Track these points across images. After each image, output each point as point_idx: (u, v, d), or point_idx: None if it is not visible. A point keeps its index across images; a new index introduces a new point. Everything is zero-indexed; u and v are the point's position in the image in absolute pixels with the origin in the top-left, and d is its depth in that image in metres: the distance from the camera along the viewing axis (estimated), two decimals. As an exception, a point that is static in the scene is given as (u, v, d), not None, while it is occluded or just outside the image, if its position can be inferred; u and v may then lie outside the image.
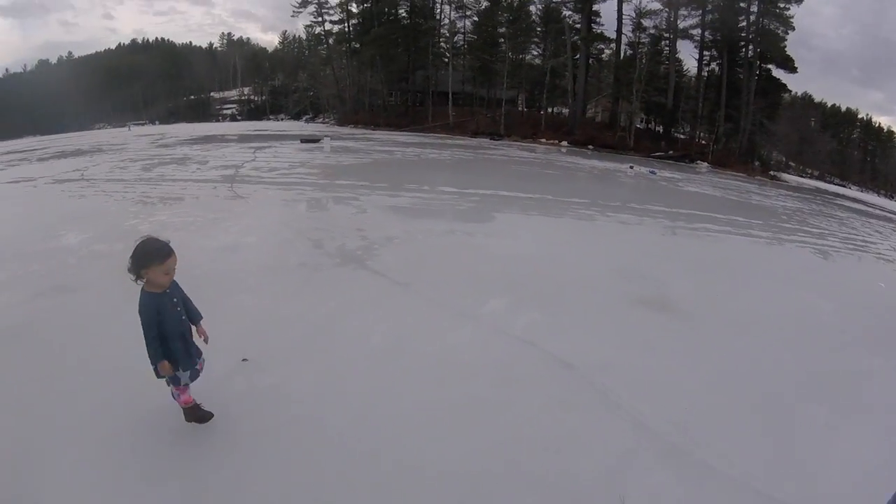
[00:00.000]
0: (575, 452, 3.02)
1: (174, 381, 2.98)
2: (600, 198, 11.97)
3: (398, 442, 3.03)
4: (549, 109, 45.27)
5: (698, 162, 32.78)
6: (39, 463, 2.87)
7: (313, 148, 22.26)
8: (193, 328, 3.09)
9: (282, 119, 62.98)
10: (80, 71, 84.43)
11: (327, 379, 3.64)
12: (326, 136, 27.00)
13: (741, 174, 31.15)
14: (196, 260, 5.88)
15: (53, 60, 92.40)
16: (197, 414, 3.17)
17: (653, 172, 21.78)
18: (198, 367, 3.07)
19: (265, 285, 5.49)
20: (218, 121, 67.16)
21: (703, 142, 39.96)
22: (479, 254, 6.92)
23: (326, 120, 52.05)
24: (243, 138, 28.50)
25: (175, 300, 2.97)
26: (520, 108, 47.22)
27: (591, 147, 34.76)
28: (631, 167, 22.50)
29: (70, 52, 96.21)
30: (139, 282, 2.84)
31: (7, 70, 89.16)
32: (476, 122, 40.93)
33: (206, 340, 3.09)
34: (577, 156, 27.07)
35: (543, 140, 36.49)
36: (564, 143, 35.80)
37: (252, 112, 71.82)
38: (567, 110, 43.26)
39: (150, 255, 2.80)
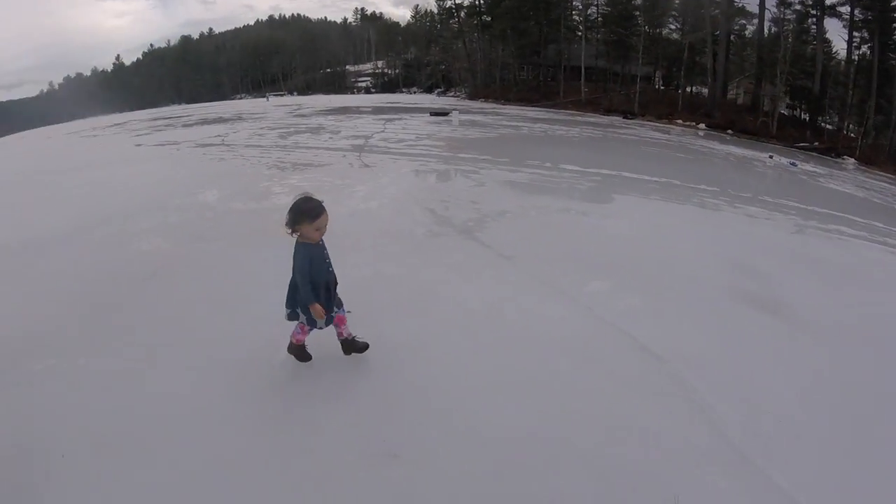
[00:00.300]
0: (639, 442, 2.96)
1: (310, 322, 3.30)
2: (731, 187, 11.24)
3: (469, 401, 3.21)
4: (688, 89, 41.67)
5: (844, 157, 29.03)
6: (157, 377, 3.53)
7: (441, 121, 22.61)
8: None
9: (414, 92, 64.12)
10: (221, 46, 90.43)
11: (420, 336, 3.88)
12: (455, 109, 27.27)
13: (891, 175, 27.22)
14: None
15: (195, 36, 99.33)
16: (300, 353, 3.52)
17: (793, 164, 19.95)
18: (335, 316, 3.39)
19: (379, 246, 5.88)
20: (353, 93, 69.62)
21: (853, 135, 34.40)
22: (590, 234, 6.80)
23: (458, 93, 52.33)
24: (375, 110, 29.44)
25: (325, 252, 3.30)
26: (656, 86, 44.01)
27: (730, 132, 31.80)
28: (770, 156, 20.87)
29: (211, 29, 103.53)
30: (294, 235, 3.17)
31: (152, 45, 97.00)
32: (609, 99, 39.08)
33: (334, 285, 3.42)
34: (714, 140, 25.29)
35: (680, 121, 34.17)
36: (702, 125, 33.02)
37: (385, 85, 73.64)
38: (706, 90, 39.69)
39: (304, 213, 3.12)
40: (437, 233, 6.46)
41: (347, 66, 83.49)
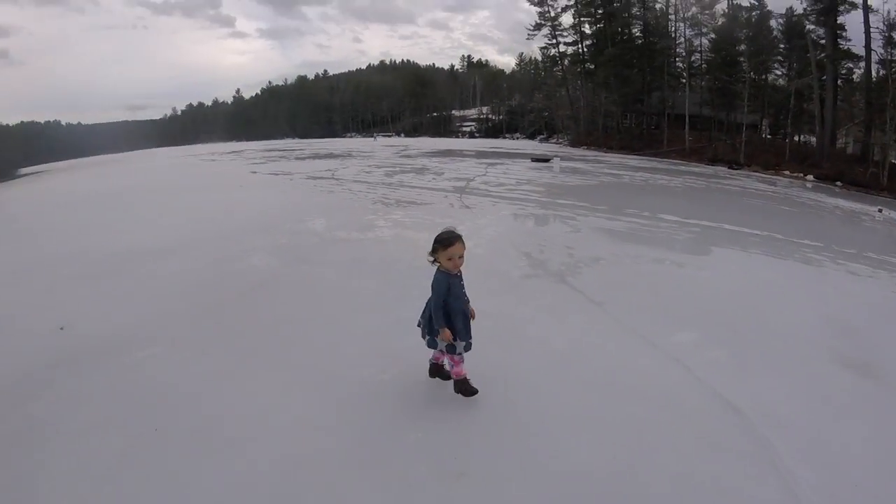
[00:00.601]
0: (708, 499, 2.92)
1: (450, 349, 3.54)
2: (835, 242, 10.75)
3: (545, 435, 3.36)
4: (796, 137, 39.04)
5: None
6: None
7: (542, 167, 22.91)
8: None
9: (517, 138, 64.82)
10: (334, 86, 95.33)
11: (505, 369, 4.11)
12: (557, 156, 27.49)
13: None
14: (420, 253, 6.80)
15: (311, 77, 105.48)
16: (465, 387, 3.68)
17: (903, 219, 18.75)
18: (469, 344, 3.60)
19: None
20: (457, 137, 71.26)
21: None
22: (682, 285, 6.76)
23: (560, 140, 52.45)
24: (478, 154, 30.20)
25: (462, 283, 3.59)
26: (762, 135, 41.61)
27: (838, 183, 29.47)
28: (880, 210, 19.60)
29: (325, 71, 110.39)
30: (434, 263, 3.51)
31: (270, 82, 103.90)
32: (713, 149, 37.59)
33: (472, 317, 3.65)
34: (822, 192, 23.88)
35: (787, 172, 32.17)
36: (810, 176, 30.76)
37: (489, 130, 74.97)
38: (814, 139, 36.82)
39: (439, 241, 3.46)
40: (531, 275, 6.72)
41: (453, 111, 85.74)
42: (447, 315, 3.49)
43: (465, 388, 3.65)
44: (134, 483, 2.91)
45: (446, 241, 3.45)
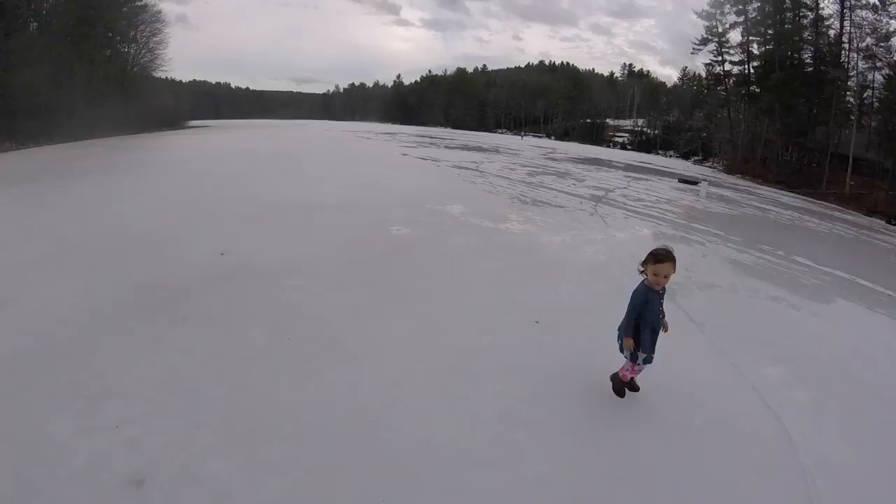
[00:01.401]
0: None
1: (632, 358, 3.84)
2: None
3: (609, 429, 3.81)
4: None
5: None
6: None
7: (688, 189, 22.35)
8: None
9: (670, 156, 62.53)
10: (491, 81, 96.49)
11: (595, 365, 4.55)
12: (706, 180, 26.69)
13: None
14: (539, 249, 8.18)
15: (469, 70, 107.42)
16: (620, 387, 4.07)
17: None
18: (650, 357, 3.84)
19: (582, 283, 6.96)
20: (608, 146, 69.90)
21: None
22: (790, 326, 6.67)
23: (714, 165, 50.14)
24: (626, 167, 29.89)
25: (661, 301, 3.78)
26: None
27: None
28: None
29: (485, 65, 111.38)
30: (642, 274, 3.76)
31: (430, 71, 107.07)
32: (874, 198, 34.34)
33: (665, 330, 3.87)
34: None
35: None
36: None
37: (642, 144, 72.73)
38: None
39: (652, 254, 3.69)
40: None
41: (607, 119, 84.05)
42: (637, 327, 3.75)
43: (617, 385, 4.07)
44: (265, 370, 4.22)
45: (658, 257, 3.64)
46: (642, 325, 3.76)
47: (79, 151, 20.12)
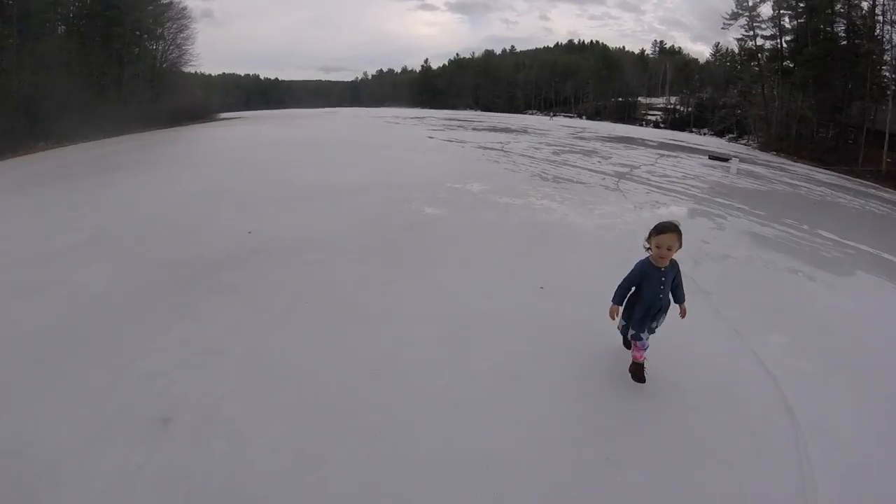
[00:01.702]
0: (716, 473, 3.23)
1: (636, 337, 3.78)
2: None
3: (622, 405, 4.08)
4: None
5: None
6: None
7: (718, 166, 22.03)
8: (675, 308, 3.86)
9: (704, 134, 61.22)
10: (520, 63, 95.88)
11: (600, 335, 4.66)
12: (737, 157, 26.30)
13: None
14: (553, 223, 8.48)
15: (497, 52, 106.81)
16: (637, 372, 3.93)
17: None
18: (646, 337, 3.78)
19: (591, 253, 7.23)
20: (640, 125, 68.81)
21: None
22: (803, 296, 6.64)
23: (749, 142, 49.04)
24: (656, 145, 29.44)
25: (663, 279, 3.64)
26: None
27: None
28: None
29: (513, 46, 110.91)
30: (647, 250, 3.66)
31: (458, 54, 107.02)
32: None
33: (682, 316, 3.87)
34: None
35: None
36: None
37: (675, 122, 71.41)
38: None
39: (654, 227, 3.59)
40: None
41: (639, 98, 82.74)
42: (631, 302, 3.76)
43: (635, 373, 3.94)
44: (283, 331, 4.71)
45: (660, 228, 3.53)
46: (638, 301, 3.73)
47: (112, 148, 21.04)
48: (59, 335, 4.57)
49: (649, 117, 76.98)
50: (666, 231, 3.52)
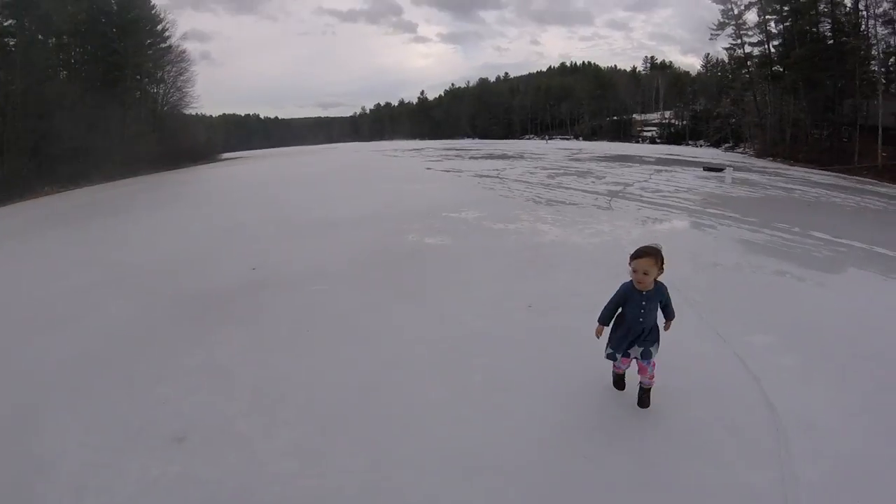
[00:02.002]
0: (696, 466, 3.34)
1: (610, 356, 3.86)
2: None
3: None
4: None
5: None
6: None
7: (712, 177, 22.19)
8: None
9: (700, 145, 61.61)
10: (514, 88, 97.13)
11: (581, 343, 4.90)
12: (730, 166, 26.49)
13: None
14: (544, 245, 8.87)
15: (492, 79, 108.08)
16: (615, 380, 4.10)
17: None
18: (622, 358, 3.81)
19: (579, 271, 7.51)
20: (637, 142, 69.42)
21: None
22: (790, 297, 6.72)
23: (746, 150, 49.10)
24: (651, 161, 29.86)
25: (644, 303, 3.62)
26: None
27: None
28: None
29: (507, 73, 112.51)
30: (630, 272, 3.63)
31: (453, 84, 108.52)
32: None
33: (664, 329, 3.86)
34: None
35: None
36: None
37: (671, 136, 71.77)
38: None
39: (632, 253, 3.61)
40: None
41: (634, 115, 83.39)
42: (617, 323, 3.78)
43: (615, 381, 4.10)
44: (288, 354, 5.14)
45: (635, 254, 3.57)
46: (621, 322, 3.75)
47: (117, 191, 21.91)
48: (83, 364, 5.05)
49: (645, 133, 77.40)
50: (640, 256, 3.54)
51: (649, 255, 3.50)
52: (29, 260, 9.71)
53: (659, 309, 3.74)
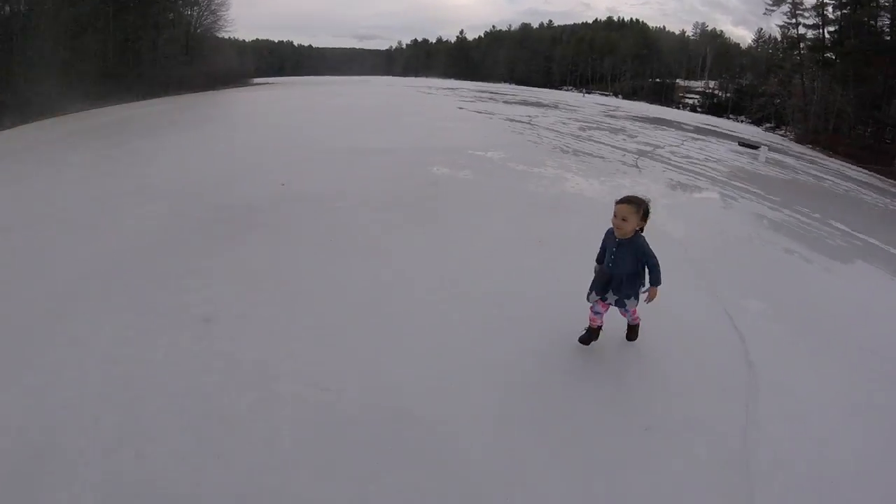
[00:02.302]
0: (666, 408, 3.58)
1: (587, 297, 3.93)
2: None
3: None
4: None
5: None
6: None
7: (746, 153, 21.69)
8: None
9: (741, 121, 60.04)
10: (557, 38, 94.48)
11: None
12: (766, 145, 25.98)
13: None
14: (564, 190, 9.25)
15: (535, 25, 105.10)
16: (584, 335, 4.08)
17: None
18: (598, 303, 3.87)
19: (592, 224, 7.54)
20: (677, 108, 67.65)
21: None
22: (793, 274, 6.83)
23: (787, 133, 47.95)
24: (687, 128, 29.21)
25: (614, 249, 3.70)
26: None
27: None
28: None
29: (550, 21, 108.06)
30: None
31: (494, 27, 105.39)
32: None
33: (647, 301, 3.80)
34: None
35: None
36: None
37: (713, 107, 69.75)
38: None
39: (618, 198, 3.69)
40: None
41: (678, 80, 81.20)
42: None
43: (587, 334, 4.08)
44: (311, 258, 5.74)
45: (619, 199, 3.67)
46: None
47: (148, 109, 22.06)
48: (116, 261, 5.50)
49: (687, 100, 75.34)
50: (623, 202, 3.61)
51: (631, 203, 3.58)
52: (63, 170, 10.05)
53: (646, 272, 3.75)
